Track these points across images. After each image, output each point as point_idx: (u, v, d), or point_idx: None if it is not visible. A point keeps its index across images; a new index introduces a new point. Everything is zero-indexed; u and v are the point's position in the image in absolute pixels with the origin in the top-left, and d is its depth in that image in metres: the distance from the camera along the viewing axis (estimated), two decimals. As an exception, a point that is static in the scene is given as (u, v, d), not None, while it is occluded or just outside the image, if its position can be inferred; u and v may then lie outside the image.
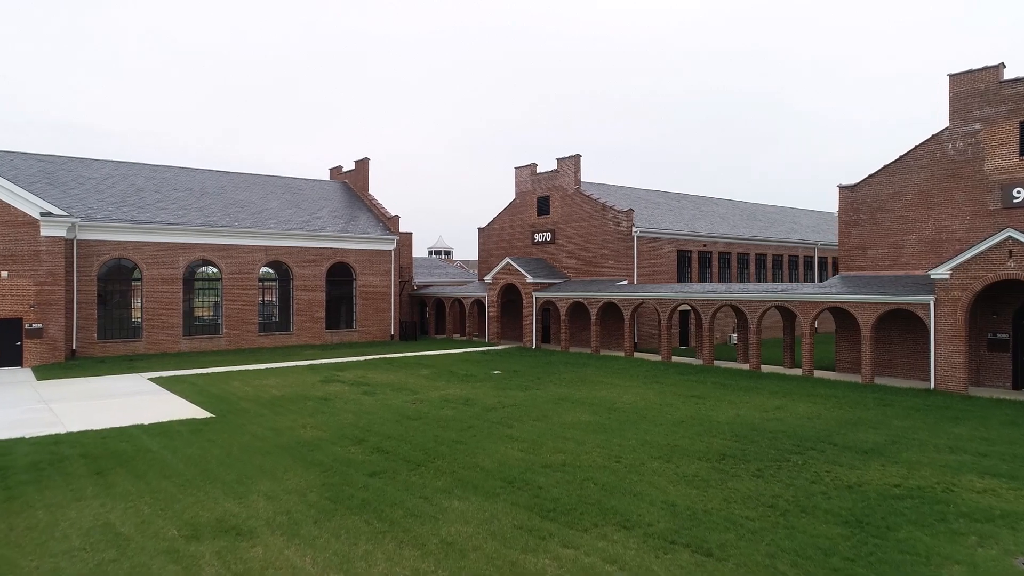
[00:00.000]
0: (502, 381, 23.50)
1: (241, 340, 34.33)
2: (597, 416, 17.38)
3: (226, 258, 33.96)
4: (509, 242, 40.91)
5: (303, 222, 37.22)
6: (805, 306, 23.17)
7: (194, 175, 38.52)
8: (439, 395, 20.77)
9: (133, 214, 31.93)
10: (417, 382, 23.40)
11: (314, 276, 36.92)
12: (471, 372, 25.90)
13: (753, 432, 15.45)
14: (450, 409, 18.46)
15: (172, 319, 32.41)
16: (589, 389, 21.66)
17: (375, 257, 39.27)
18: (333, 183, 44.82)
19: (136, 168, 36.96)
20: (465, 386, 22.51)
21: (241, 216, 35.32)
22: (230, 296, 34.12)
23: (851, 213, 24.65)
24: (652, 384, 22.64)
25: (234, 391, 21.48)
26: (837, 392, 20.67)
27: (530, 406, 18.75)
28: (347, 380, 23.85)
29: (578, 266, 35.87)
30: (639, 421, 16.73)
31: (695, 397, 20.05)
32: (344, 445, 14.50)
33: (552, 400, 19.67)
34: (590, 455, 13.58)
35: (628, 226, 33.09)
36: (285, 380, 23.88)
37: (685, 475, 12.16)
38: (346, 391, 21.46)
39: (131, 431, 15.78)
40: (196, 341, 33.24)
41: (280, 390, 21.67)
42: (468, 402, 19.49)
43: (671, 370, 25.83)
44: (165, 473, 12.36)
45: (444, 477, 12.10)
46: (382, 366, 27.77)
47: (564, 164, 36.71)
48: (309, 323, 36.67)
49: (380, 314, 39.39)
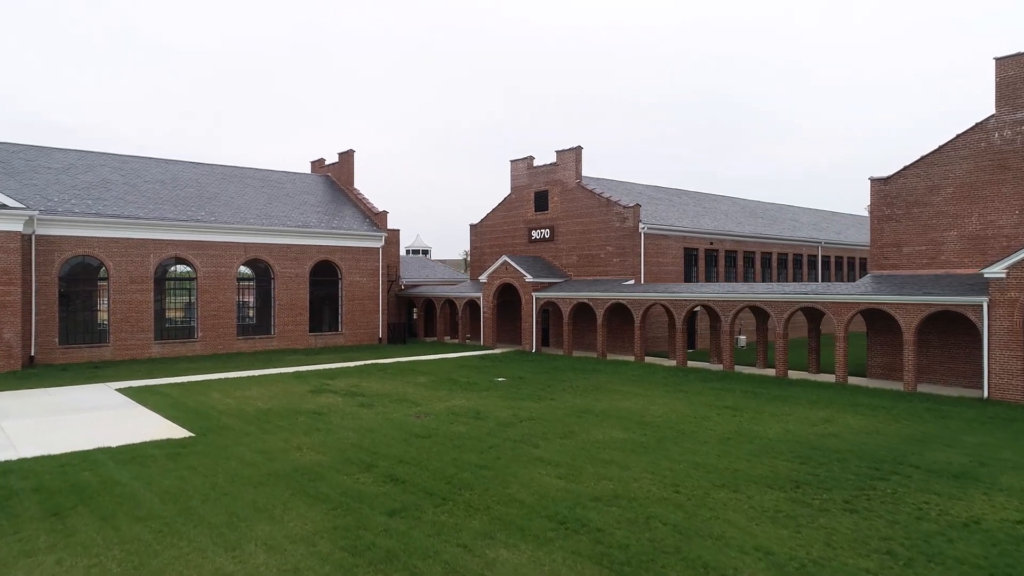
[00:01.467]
0: (510, 390, 21.52)
1: (218, 345, 31.77)
2: (630, 432, 15.50)
3: (201, 256, 31.38)
4: (504, 239, 38.83)
5: (285, 218, 34.74)
6: (839, 307, 21.49)
7: (165, 167, 35.77)
8: (444, 407, 18.72)
9: (99, 207, 29.22)
10: (417, 392, 21.31)
11: (297, 275, 34.45)
12: (473, 380, 23.87)
13: (814, 451, 13.68)
14: (461, 424, 16.45)
15: (142, 322, 29.76)
16: (609, 399, 19.77)
17: (362, 255, 36.90)
18: (315, 177, 42.29)
19: (102, 158, 34.11)
20: (471, 396, 20.49)
21: (218, 211, 32.74)
22: (206, 297, 31.54)
23: (884, 207, 23.03)
24: (676, 393, 20.82)
25: (214, 404, 19.17)
26: (882, 402, 19.00)
27: (550, 420, 16.82)
28: (339, 390, 21.65)
29: (579, 265, 33.94)
30: (680, 438, 14.88)
31: (729, 408, 18.27)
32: (351, 472, 12.39)
33: (573, 413, 17.74)
34: (641, 483, 11.68)
35: (634, 222, 31.25)
36: (270, 390, 21.59)
37: (764, 509, 10.30)
38: (340, 403, 19.29)
39: (96, 456, 13.46)
40: (169, 346, 30.62)
41: (266, 402, 19.40)
42: (479, 416, 17.48)
43: (690, 376, 24.04)
44: (138, 514, 10.14)
45: (479, 516, 10.08)
46: (375, 373, 25.57)
47: (564, 157, 34.73)
48: (291, 326, 34.18)
49: (367, 316, 37.04)
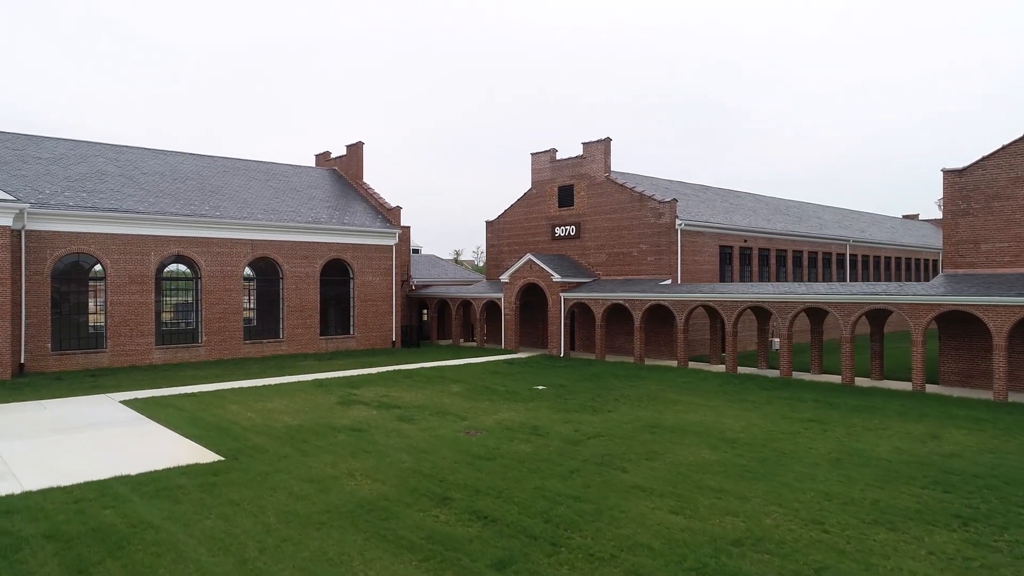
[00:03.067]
0: (556, 400, 19.61)
1: (223, 350, 29.51)
2: (720, 452, 13.65)
3: (206, 253, 29.10)
4: (523, 237, 36.83)
5: (294, 213, 32.50)
6: (916, 309, 19.78)
7: (164, 158, 33.39)
8: (494, 421, 16.78)
9: (94, 200, 26.86)
10: (455, 403, 19.33)
11: (307, 275, 32.24)
12: (511, 388, 21.92)
13: (947, 476, 11.90)
14: (522, 442, 14.52)
15: (142, 325, 27.44)
16: (672, 411, 17.92)
17: (374, 253, 34.76)
18: (321, 170, 40.02)
19: (95, 148, 31.68)
20: (517, 408, 18.55)
21: (222, 205, 30.47)
22: (211, 298, 29.27)
23: (959, 201, 21.38)
24: (741, 403, 19.01)
25: (236, 419, 17.06)
26: (979, 413, 17.26)
27: (621, 437, 14.94)
28: (369, 401, 19.62)
29: (609, 263, 32.05)
30: (782, 459, 13.05)
31: (813, 422, 16.46)
32: (424, 507, 10.42)
33: (641, 428, 15.86)
34: (774, 519, 9.83)
35: (671, 218, 29.40)
36: (294, 402, 19.50)
37: (946, 555, 8.49)
38: (377, 417, 17.26)
39: (115, 488, 11.35)
40: (171, 351, 28.31)
41: (294, 416, 17.33)
42: (538, 431, 15.56)
43: (747, 384, 22.24)
44: (184, 572, 8.11)
45: (607, 568, 8.18)
46: (401, 381, 23.53)
47: (592, 149, 32.81)
48: (301, 329, 31.97)
49: (380, 318, 34.91)
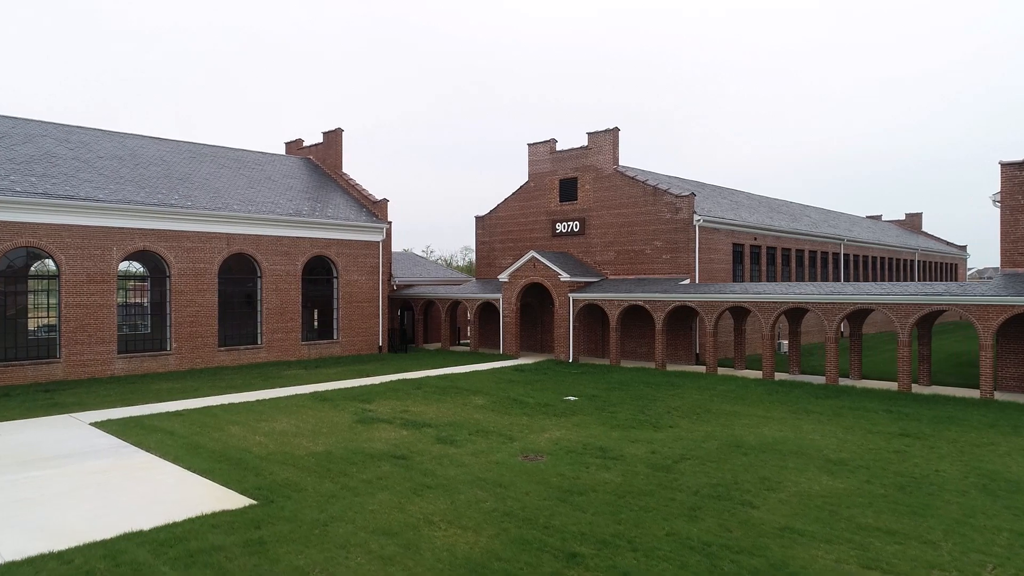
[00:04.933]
0: (600, 414, 17.40)
1: (196, 358, 26.05)
2: (842, 478, 11.72)
3: (176, 248, 25.61)
4: (519, 233, 34.44)
5: (272, 204, 29.22)
6: (985, 311, 18.46)
7: (121, 140, 29.53)
8: (547, 442, 14.46)
9: (45, 186, 23.09)
10: (488, 419, 16.89)
11: (288, 273, 29.02)
12: (539, 399, 19.62)
13: None
14: (600, 469, 12.33)
15: (103, 331, 23.79)
16: (742, 426, 15.97)
17: (360, 250, 31.75)
18: (295, 159, 36.60)
19: (42, 127, 27.65)
20: (561, 423, 16.29)
21: (193, 195, 26.97)
22: (181, 299, 25.77)
23: (1018, 196, 20.26)
24: (808, 415, 17.23)
25: (243, 444, 14.17)
26: (1076, 423, 15.99)
27: (710, 460, 12.91)
28: (390, 418, 16.95)
29: (618, 262, 30.04)
30: (921, 487, 11.21)
31: (907, 437, 14.76)
32: (554, 569, 8.07)
33: (725, 449, 13.82)
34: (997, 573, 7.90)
35: (689, 214, 27.60)
36: (303, 420, 16.65)
37: None
38: (410, 439, 14.66)
39: (131, 552, 8.49)
40: (135, 360, 24.71)
41: (312, 440, 14.55)
42: (607, 454, 13.36)
43: (795, 392, 20.53)
44: None
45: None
46: (411, 392, 20.87)
47: (598, 140, 30.75)
48: (282, 334, 28.72)
49: (366, 321, 31.92)
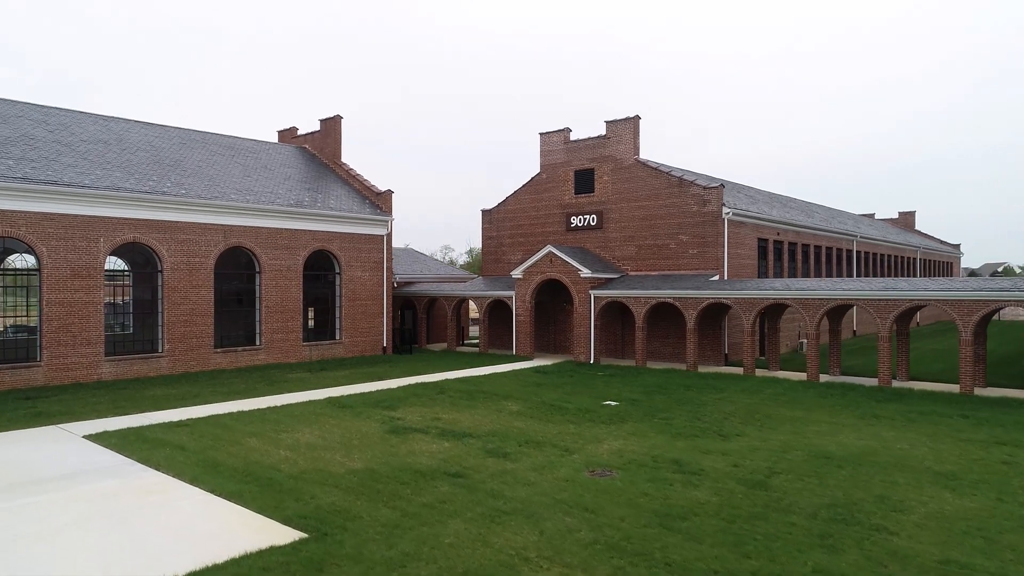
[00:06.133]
0: (654, 421, 15.84)
1: (190, 360, 23.88)
2: (968, 496, 10.32)
3: (169, 241, 23.42)
4: (530, 227, 32.69)
5: (271, 195, 27.09)
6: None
7: (105, 124, 27.16)
8: (608, 453, 12.91)
9: (25, 170, 20.77)
10: (531, 427, 15.21)
11: (288, 268, 26.94)
12: (577, 404, 18.00)
13: None
14: (685, 485, 10.84)
15: (89, 331, 21.55)
16: (815, 434, 14.53)
17: (363, 244, 29.77)
18: (290, 148, 34.37)
19: (18, 107, 25.20)
20: (615, 432, 14.71)
21: (186, 183, 24.76)
22: (175, 296, 23.59)
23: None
24: (881, 420, 15.86)
25: (267, 460, 12.30)
26: None
27: (806, 474, 11.49)
28: (423, 427, 15.18)
29: (639, 257, 28.48)
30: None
31: (1005, 445, 13.45)
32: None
33: (814, 460, 12.37)
34: None
35: (717, 206, 26.14)
36: (327, 431, 14.80)
37: None
38: (457, 452, 12.93)
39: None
40: (124, 364, 22.47)
41: (345, 454, 12.73)
42: (682, 467, 11.85)
43: (851, 394, 19.15)
44: None
45: None
46: (435, 398, 19.09)
47: (617, 128, 29.16)
48: (282, 334, 26.63)
49: (369, 320, 29.94)
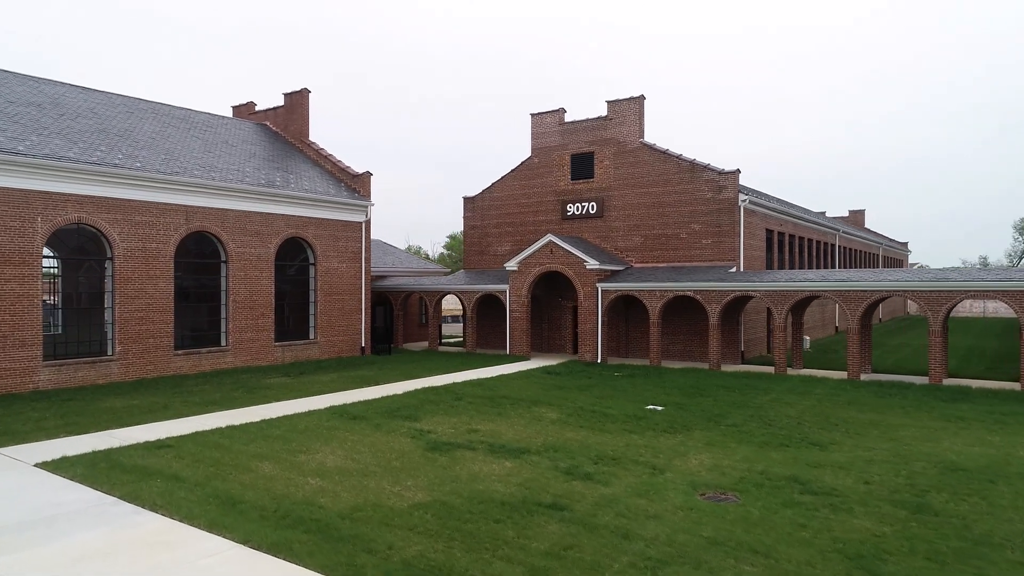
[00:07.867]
0: (720, 428, 13.95)
1: (146, 365, 20.29)
2: None
3: (121, 223, 19.79)
4: (519, 216, 30.17)
5: (239, 173, 23.62)
6: None
7: (37, 86, 23.04)
8: (703, 470, 10.96)
9: (-61, 132, 16.92)
10: (590, 439, 13.00)
11: (259, 258, 23.56)
12: (620, 410, 15.84)
13: None
14: (833, 511, 9.06)
15: (23, 331, 17.76)
16: (912, 439, 13.06)
17: (340, 232, 26.60)
18: (249, 124, 30.64)
19: (-75, 62, 21.03)
20: (687, 443, 12.71)
21: (140, 155, 21.09)
22: (128, 289, 19.97)
23: None
24: (971, 423, 14.40)
25: (301, 494, 9.52)
26: None
27: (953, 491, 10.11)
28: (463, 442, 12.65)
29: (646, 248, 26.46)
30: None
31: None
32: None
33: (944, 472, 10.86)
34: None
35: (733, 193, 24.41)
36: (353, 450, 12.05)
37: None
38: (528, 475, 10.54)
39: None
40: (67, 369, 18.73)
41: (394, 481, 10.09)
42: (807, 488, 10.10)
43: (909, 394, 17.66)
44: None
45: None
46: (453, 404, 16.49)
47: (620, 109, 27.05)
48: (252, 333, 23.22)
49: (346, 317, 26.80)
